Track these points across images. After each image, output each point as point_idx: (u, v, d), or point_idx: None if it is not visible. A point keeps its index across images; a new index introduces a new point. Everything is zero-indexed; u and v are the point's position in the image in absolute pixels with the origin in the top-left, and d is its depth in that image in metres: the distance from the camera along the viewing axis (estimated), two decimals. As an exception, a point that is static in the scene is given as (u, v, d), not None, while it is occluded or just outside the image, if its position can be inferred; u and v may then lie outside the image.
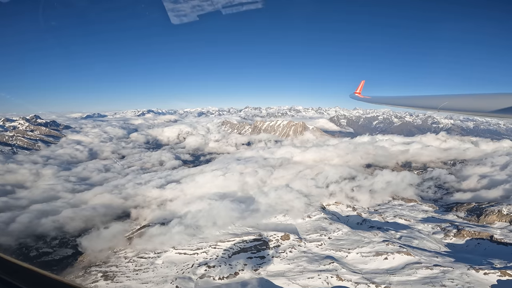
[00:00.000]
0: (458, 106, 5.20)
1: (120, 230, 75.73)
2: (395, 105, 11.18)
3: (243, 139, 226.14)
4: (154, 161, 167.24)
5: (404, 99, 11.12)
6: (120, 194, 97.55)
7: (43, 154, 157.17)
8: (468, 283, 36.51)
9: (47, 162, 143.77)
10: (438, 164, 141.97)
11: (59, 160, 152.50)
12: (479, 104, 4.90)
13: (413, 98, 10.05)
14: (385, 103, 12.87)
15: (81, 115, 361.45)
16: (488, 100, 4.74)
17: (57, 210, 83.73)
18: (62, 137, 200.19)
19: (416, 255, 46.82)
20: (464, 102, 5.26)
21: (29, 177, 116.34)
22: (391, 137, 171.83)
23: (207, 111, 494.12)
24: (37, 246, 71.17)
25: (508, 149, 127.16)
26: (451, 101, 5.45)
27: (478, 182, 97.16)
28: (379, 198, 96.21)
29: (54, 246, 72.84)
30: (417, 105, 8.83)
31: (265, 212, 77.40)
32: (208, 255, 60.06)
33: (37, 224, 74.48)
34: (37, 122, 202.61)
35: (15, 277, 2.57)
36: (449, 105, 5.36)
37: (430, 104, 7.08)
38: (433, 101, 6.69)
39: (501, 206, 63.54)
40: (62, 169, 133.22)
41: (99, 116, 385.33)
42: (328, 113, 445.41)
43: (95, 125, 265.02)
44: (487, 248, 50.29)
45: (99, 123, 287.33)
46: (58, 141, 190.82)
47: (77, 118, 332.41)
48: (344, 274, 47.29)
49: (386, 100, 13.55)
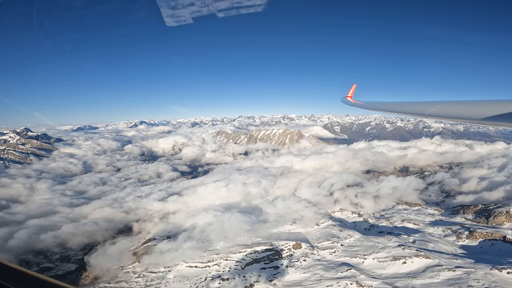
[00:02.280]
0: (444, 113, 5.35)
1: (125, 244, 73.52)
2: (385, 111, 11.40)
3: (240, 148, 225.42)
4: (151, 173, 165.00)
5: (394, 105, 11.31)
6: (121, 208, 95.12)
7: (36, 168, 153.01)
8: (494, 282, 36.65)
9: (41, 176, 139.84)
10: (435, 168, 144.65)
11: (52, 173, 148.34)
12: (464, 111, 5.08)
13: (402, 104, 10.22)
14: (375, 109, 13.00)
15: (71, 128, 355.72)
16: (474, 107, 4.90)
17: (56, 225, 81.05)
18: (54, 150, 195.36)
19: (435, 258, 46.80)
20: (450, 109, 5.45)
21: (23, 192, 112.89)
22: (388, 143, 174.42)
23: (201, 121, 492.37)
24: (38, 261, 68.50)
25: (503, 150, 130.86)
26: (438, 107, 5.67)
27: (478, 184, 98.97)
28: (383, 204, 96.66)
29: (55, 260, 70.11)
30: (406, 111, 9.00)
31: (274, 222, 76.56)
32: (220, 268, 58.48)
33: (37, 240, 71.70)
34: (28, 135, 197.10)
35: (11, 280, 2.50)
36: (436, 111, 5.53)
37: (418, 110, 7.24)
38: (421, 108, 6.86)
39: (509, 207, 64.61)
40: (57, 182, 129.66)
41: (90, 128, 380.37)
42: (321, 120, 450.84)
43: (87, 138, 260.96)
44: (502, 249, 50.85)
45: (91, 135, 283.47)
46: (50, 154, 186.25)
47: (68, 130, 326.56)
48: (364, 280, 46.69)
49: (376, 106, 13.75)
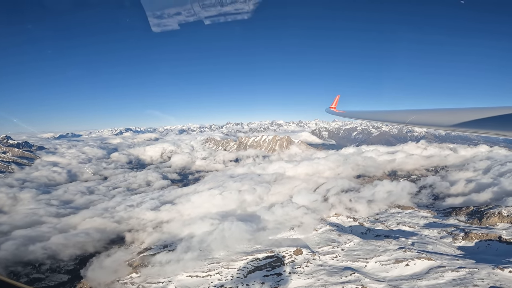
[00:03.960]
0: (423, 121, 5.66)
1: (120, 255, 70.96)
2: (367, 119, 11.85)
3: (230, 155, 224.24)
4: (141, 181, 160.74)
5: (375, 113, 11.71)
6: (113, 218, 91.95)
7: (18, 177, 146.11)
8: (498, 281, 37.85)
9: (24, 185, 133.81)
10: (422, 172, 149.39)
11: (36, 183, 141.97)
12: (441, 118, 5.37)
13: (383, 113, 10.55)
14: (358, 117, 13.42)
15: (53, 135, 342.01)
16: (450, 114, 5.17)
17: (44, 236, 77.87)
18: (36, 159, 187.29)
19: (437, 260, 47.88)
20: (428, 117, 5.75)
21: (6, 201, 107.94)
22: (376, 147, 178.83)
23: (188, 128, 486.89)
24: (27, 271, 65.50)
25: (486, 153, 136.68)
26: (417, 116, 5.97)
27: (465, 187, 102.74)
28: (376, 208, 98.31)
29: (45, 271, 67.11)
30: (387, 119, 9.30)
31: (273, 229, 76.27)
32: (222, 276, 57.29)
33: (25, 251, 68.70)
34: (8, 143, 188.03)
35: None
36: (415, 119, 5.84)
37: (398, 118, 7.51)
38: (401, 116, 7.14)
39: (501, 208, 67.42)
40: (41, 192, 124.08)
41: (73, 135, 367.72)
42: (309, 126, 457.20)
43: (70, 146, 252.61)
44: (498, 249, 52.73)
45: (75, 143, 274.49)
46: (33, 163, 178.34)
47: (50, 138, 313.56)
48: (369, 284, 46.97)
49: (359, 115, 14.16)
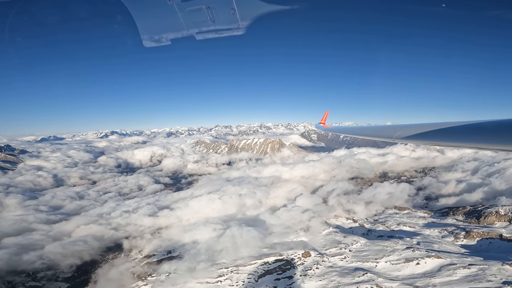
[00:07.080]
0: (408, 135, 5.83)
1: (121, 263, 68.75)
2: (355, 135, 12.18)
3: (223, 159, 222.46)
4: (132, 185, 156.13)
5: (363, 129, 12.19)
6: (110, 225, 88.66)
7: (1, 182, 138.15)
8: (510, 276, 39.74)
9: (8, 190, 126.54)
10: (412, 173, 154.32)
11: (21, 188, 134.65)
12: (427, 133, 5.32)
13: (370, 129, 11.05)
14: (346, 133, 14.02)
15: (35, 138, 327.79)
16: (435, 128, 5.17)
17: (37, 243, 74.50)
18: (19, 163, 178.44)
19: (446, 258, 49.49)
20: (413, 132, 5.81)
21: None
22: (368, 150, 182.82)
23: (176, 131, 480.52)
24: (21, 280, 62.63)
25: (473, 154, 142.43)
26: (403, 131, 6.14)
27: (456, 187, 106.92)
28: (373, 209, 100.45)
29: (40, 279, 64.32)
30: (375, 135, 9.48)
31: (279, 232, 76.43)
32: (233, 282, 56.46)
33: (19, 260, 65.34)
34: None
35: None
36: (402, 134, 6.02)
37: (385, 134, 7.60)
38: (388, 131, 7.26)
39: (497, 208, 70.60)
40: (28, 197, 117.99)
41: (55, 139, 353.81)
42: (298, 128, 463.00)
43: (54, 149, 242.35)
44: (501, 246, 55.23)
45: (58, 146, 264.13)
46: (16, 167, 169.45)
47: (31, 141, 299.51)
48: (383, 283, 47.78)
49: (347, 130, 14.78)
